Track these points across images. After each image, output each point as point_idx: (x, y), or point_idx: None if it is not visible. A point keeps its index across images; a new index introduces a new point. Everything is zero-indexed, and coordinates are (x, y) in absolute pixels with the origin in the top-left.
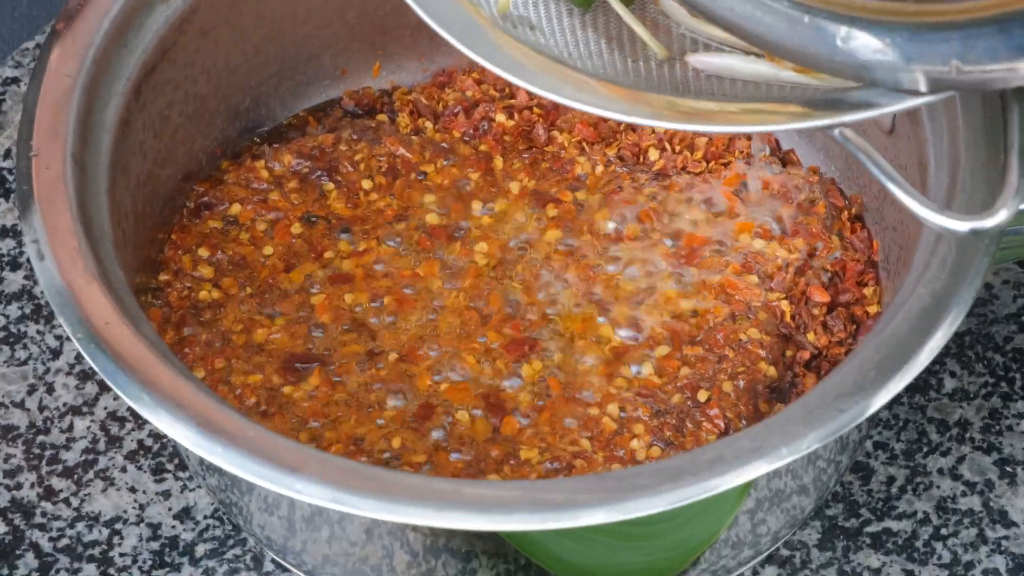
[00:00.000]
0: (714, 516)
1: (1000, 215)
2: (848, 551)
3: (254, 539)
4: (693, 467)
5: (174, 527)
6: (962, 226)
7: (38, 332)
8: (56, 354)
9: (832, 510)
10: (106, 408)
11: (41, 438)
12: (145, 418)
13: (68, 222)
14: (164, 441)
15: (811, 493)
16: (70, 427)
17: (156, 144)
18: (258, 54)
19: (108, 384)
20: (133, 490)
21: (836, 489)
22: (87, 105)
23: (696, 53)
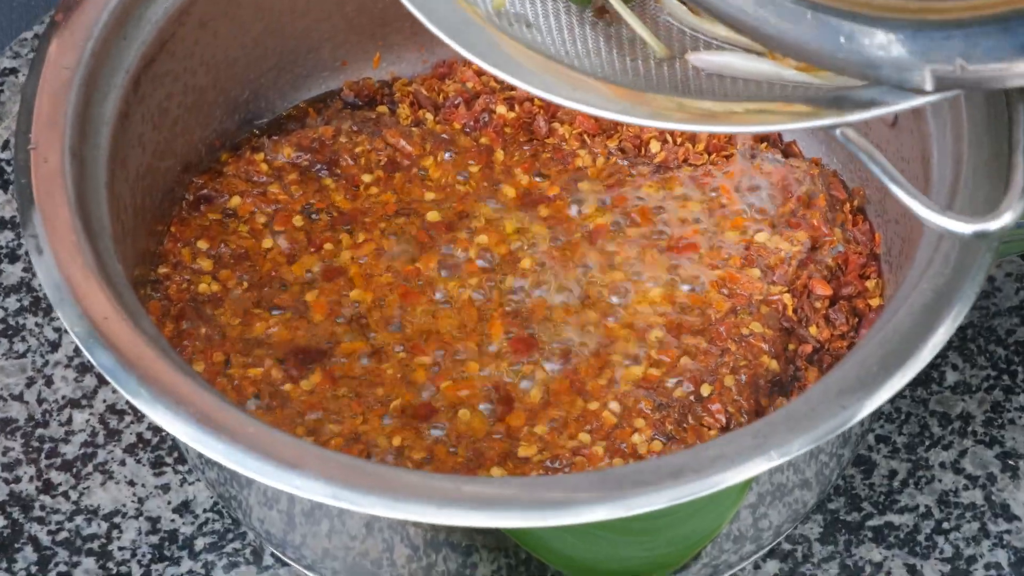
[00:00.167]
0: (716, 511)
1: (1005, 217)
2: (850, 545)
3: (253, 533)
4: (695, 464)
5: (173, 521)
6: (966, 228)
7: (37, 325)
8: (55, 347)
9: (834, 504)
10: (105, 401)
11: (40, 431)
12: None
13: (66, 216)
14: (163, 434)
15: (813, 487)
16: (69, 420)
17: (155, 136)
18: (257, 46)
19: (107, 379)
20: (132, 483)
21: (838, 483)
22: (85, 98)
23: (696, 52)
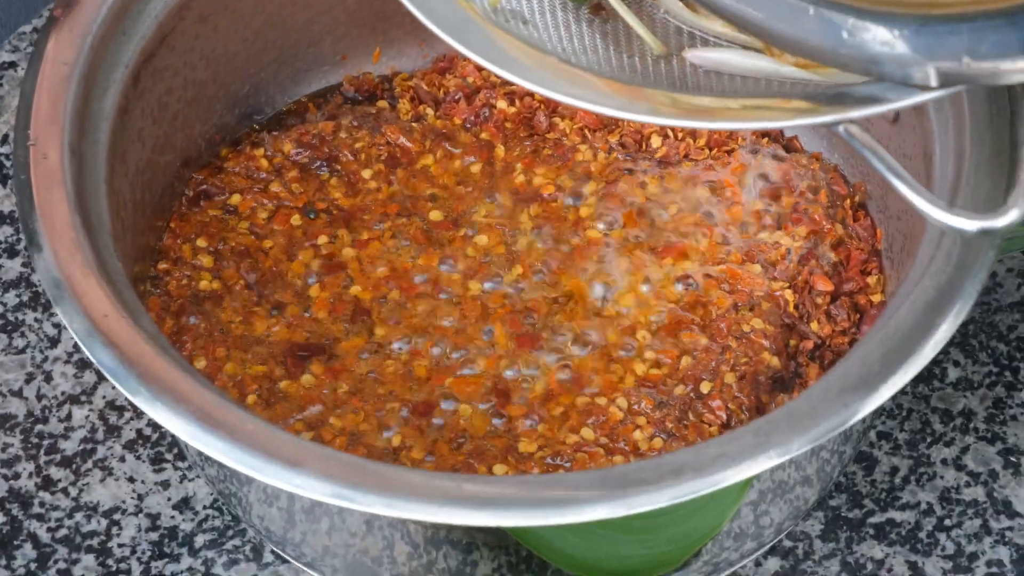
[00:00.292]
0: (716, 509)
1: (1011, 214)
2: (851, 542)
3: (253, 530)
4: (696, 462)
5: (173, 517)
6: (971, 225)
7: (36, 320)
8: (54, 342)
9: (835, 501)
10: (104, 397)
11: (39, 427)
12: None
13: (66, 213)
14: (163, 431)
15: (814, 484)
16: (68, 416)
17: (155, 131)
18: (257, 40)
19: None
20: (132, 480)
21: (839, 480)
22: (85, 94)
23: (693, 48)
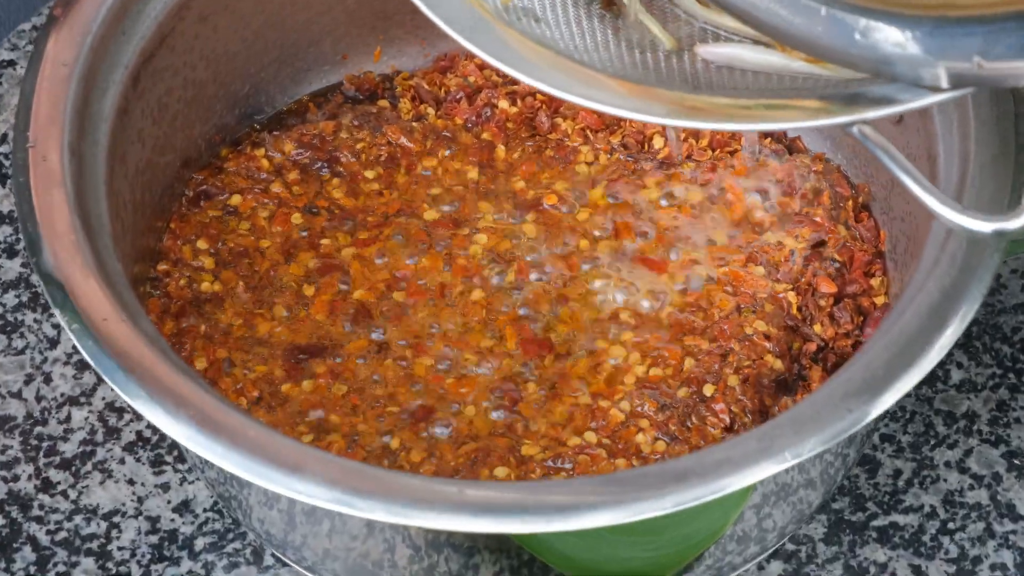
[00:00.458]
0: (720, 512)
1: None
2: (854, 545)
3: (254, 533)
4: (700, 468)
5: (173, 520)
6: (985, 227)
7: (35, 321)
8: (53, 343)
9: (838, 504)
10: (104, 399)
11: (39, 429)
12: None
13: (65, 215)
14: (163, 433)
15: (818, 487)
16: (68, 418)
17: (154, 131)
18: (257, 40)
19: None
20: (132, 482)
21: (842, 483)
22: (84, 94)
23: (705, 44)
